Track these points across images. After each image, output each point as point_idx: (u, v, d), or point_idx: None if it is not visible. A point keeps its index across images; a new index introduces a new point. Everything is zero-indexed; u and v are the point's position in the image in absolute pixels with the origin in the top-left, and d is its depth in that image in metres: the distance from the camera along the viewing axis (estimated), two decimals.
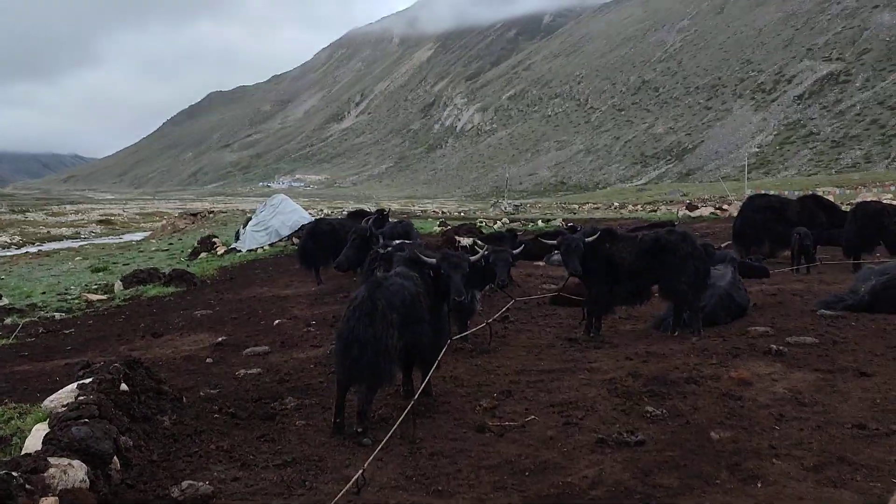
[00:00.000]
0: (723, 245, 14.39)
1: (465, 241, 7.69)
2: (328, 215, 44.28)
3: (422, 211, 61.64)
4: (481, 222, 33.86)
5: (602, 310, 8.34)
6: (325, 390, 6.53)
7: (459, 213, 66.15)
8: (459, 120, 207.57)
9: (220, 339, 9.44)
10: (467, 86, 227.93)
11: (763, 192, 19.75)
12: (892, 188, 46.52)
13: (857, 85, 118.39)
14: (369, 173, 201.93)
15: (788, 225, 13.97)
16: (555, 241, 8.75)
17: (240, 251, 22.68)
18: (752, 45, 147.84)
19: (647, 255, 8.02)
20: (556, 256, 14.95)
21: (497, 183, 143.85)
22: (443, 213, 63.73)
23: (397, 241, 8.54)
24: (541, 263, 15.22)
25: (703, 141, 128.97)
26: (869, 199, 14.83)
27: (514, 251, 7.82)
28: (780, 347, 7.03)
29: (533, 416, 5.66)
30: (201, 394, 6.59)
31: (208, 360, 8.27)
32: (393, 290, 5.60)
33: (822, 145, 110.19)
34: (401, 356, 5.80)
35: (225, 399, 6.36)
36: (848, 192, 47.20)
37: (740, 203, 46.38)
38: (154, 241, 39.35)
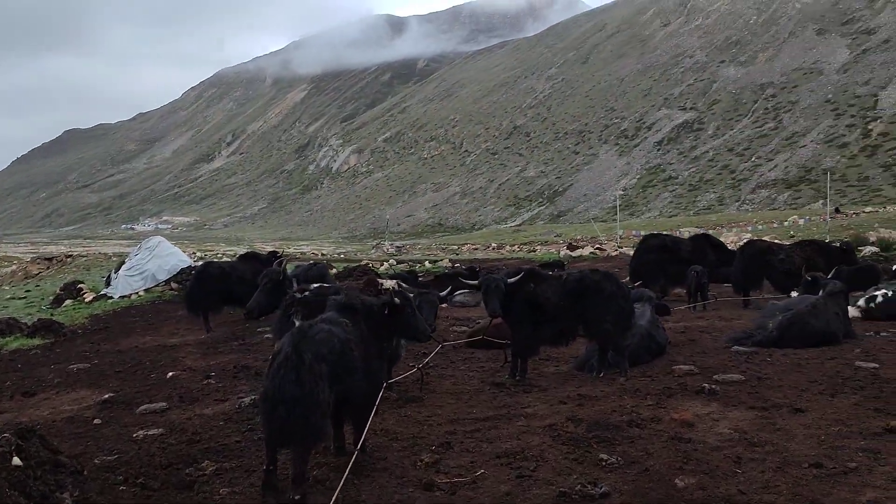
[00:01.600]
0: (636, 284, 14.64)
1: (389, 283, 7.26)
2: (202, 258, 42.38)
3: (300, 253, 60.14)
4: (366, 263, 33.30)
5: (527, 352, 8.10)
6: (245, 451, 5.87)
7: (339, 254, 65.15)
8: (335, 161, 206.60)
9: (105, 395, 8.46)
10: (342, 127, 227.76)
11: (656, 232, 20.64)
12: (750, 228, 49.93)
13: (710, 133, 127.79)
14: (241, 215, 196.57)
15: (681, 263, 14.43)
16: (475, 282, 8.46)
17: (112, 297, 21.03)
18: (615, 94, 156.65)
19: (573, 296, 7.87)
20: (459, 297, 14.76)
21: (375, 224, 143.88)
22: (322, 255, 62.47)
23: (315, 285, 7.96)
24: (443, 305, 14.91)
25: (572, 184, 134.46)
26: (755, 239, 15.65)
27: (442, 294, 7.47)
28: (713, 386, 7.00)
29: (482, 471, 5.25)
30: (97, 462, 5.75)
31: (96, 420, 7.34)
32: (320, 340, 5.06)
33: (681, 188, 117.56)
34: (331, 410, 5.30)
35: (128, 467, 5.56)
36: (710, 231, 50.15)
37: (612, 242, 48.53)
38: (6, 287, 36.05)
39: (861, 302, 11.14)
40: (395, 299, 5.82)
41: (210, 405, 7.68)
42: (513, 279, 7.98)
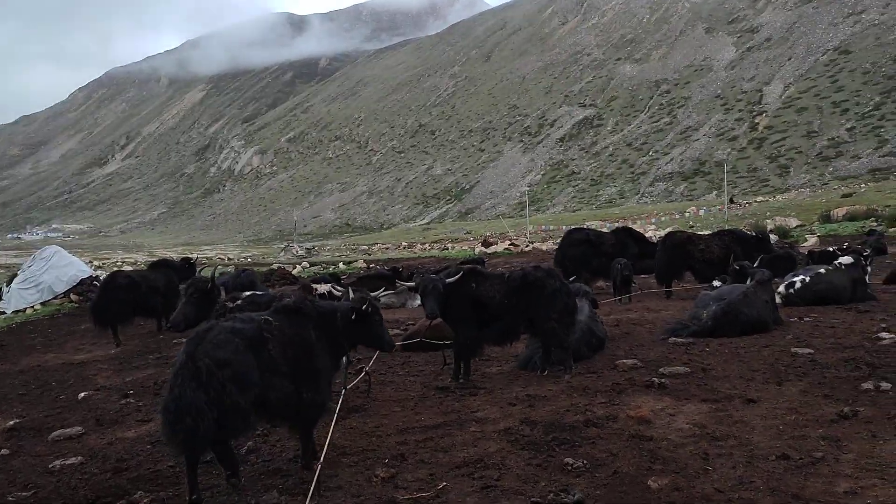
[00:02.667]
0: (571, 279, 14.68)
1: (324, 287, 6.89)
2: (100, 267, 40.28)
3: (207, 258, 57.94)
4: (278, 266, 32.38)
5: (470, 353, 7.85)
6: (181, 477, 5.36)
7: (246, 258, 63.37)
8: (237, 163, 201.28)
9: (11, 422, 7.69)
10: (244, 128, 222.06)
11: (579, 226, 20.72)
12: (653, 220, 51.56)
13: (609, 128, 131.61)
14: (139, 220, 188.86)
15: (604, 256, 14.56)
16: (412, 283, 8.16)
17: (4, 313, 19.59)
18: (517, 92, 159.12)
19: (516, 293, 7.66)
20: (384, 298, 14.37)
21: (280, 226, 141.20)
22: (228, 259, 60.52)
23: (247, 294, 7.44)
24: None
25: (479, 181, 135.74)
26: (674, 230, 15.88)
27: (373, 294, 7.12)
28: (661, 380, 6.93)
29: (444, 483, 4.94)
30: (11, 499, 5.14)
31: (3, 451, 6.64)
32: (218, 342, 4.72)
33: (583, 183, 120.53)
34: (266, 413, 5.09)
35: (48, 503, 4.99)
36: (616, 224, 51.53)
37: (523, 238, 49.15)
38: None
39: (781, 288, 11.46)
40: (364, 306, 5.47)
41: (132, 427, 7.07)
42: (452, 279, 7.71)
